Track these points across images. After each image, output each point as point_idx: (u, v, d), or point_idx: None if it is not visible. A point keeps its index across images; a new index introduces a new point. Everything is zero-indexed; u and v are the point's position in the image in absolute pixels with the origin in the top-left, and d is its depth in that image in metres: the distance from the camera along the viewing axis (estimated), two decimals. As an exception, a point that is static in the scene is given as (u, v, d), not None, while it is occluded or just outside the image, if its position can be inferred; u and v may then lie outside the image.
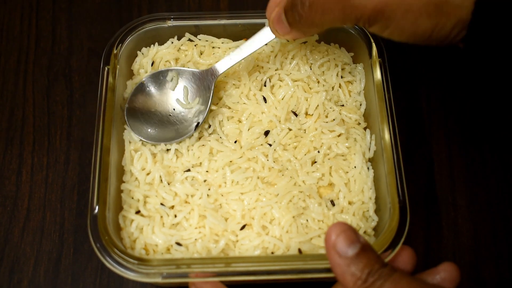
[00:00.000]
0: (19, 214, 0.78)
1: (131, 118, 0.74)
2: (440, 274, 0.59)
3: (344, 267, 0.55)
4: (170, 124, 0.75)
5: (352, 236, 0.56)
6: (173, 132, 0.74)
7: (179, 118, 0.75)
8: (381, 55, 0.75)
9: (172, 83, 0.76)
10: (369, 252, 0.56)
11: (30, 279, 0.74)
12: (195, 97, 0.76)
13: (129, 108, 0.74)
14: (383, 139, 0.70)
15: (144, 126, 0.74)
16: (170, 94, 0.76)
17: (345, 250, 0.56)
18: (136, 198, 0.70)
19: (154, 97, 0.76)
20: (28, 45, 0.90)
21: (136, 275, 0.62)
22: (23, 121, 0.84)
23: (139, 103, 0.75)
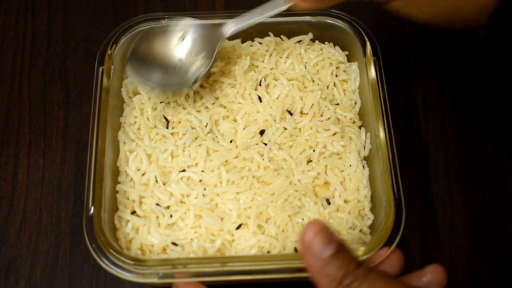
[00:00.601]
0: (15, 215, 0.78)
1: (134, 61, 0.74)
2: (426, 276, 0.59)
3: (319, 268, 0.54)
4: (173, 74, 0.75)
5: (328, 236, 0.55)
6: (171, 81, 0.74)
7: (182, 69, 0.75)
8: (375, 53, 0.75)
9: (181, 35, 0.76)
10: (345, 252, 0.55)
11: (27, 280, 0.74)
12: (200, 51, 0.75)
13: (134, 51, 0.75)
14: (378, 137, 0.70)
15: (147, 72, 0.74)
16: (177, 45, 0.76)
17: (320, 251, 0.54)
18: (132, 199, 0.70)
19: (160, 47, 0.76)
20: (23, 45, 0.90)
21: (132, 276, 0.62)
22: (19, 121, 0.84)
23: (145, 48, 0.75)
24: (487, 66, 0.88)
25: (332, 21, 0.78)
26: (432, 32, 0.91)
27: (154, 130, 0.74)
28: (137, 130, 0.74)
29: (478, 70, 0.88)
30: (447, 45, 0.90)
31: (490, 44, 0.89)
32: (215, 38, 0.74)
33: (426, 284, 0.58)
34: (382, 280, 0.54)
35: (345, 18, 0.77)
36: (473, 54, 0.89)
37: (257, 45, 0.80)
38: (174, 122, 0.75)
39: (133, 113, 0.75)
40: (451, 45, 0.90)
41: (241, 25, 0.74)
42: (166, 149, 0.72)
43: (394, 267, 0.62)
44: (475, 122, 0.84)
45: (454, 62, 0.89)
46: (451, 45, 0.90)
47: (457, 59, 0.89)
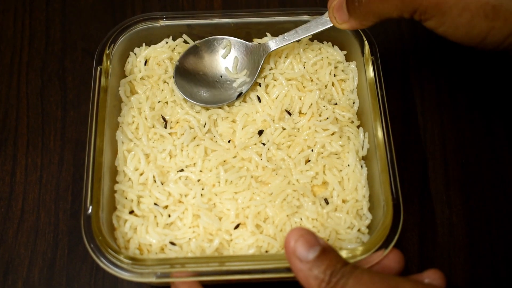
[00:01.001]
0: (13, 215, 0.78)
1: (178, 76, 0.76)
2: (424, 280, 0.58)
3: (306, 272, 0.55)
4: (215, 89, 0.77)
5: (311, 240, 0.56)
6: (215, 97, 0.76)
7: (225, 85, 0.77)
8: (373, 53, 0.75)
9: (225, 52, 0.78)
10: (330, 253, 0.56)
11: (25, 280, 0.74)
12: (243, 68, 0.77)
13: (179, 67, 0.77)
14: (376, 137, 0.70)
15: (190, 86, 0.76)
16: (220, 61, 0.78)
17: (305, 255, 0.55)
18: (130, 198, 0.69)
19: (204, 61, 0.78)
20: (21, 46, 0.90)
21: (130, 275, 0.62)
22: (17, 122, 0.84)
23: (189, 64, 0.78)
24: (485, 67, 0.88)
25: (330, 21, 0.78)
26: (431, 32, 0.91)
27: (152, 129, 0.74)
28: (135, 130, 0.74)
29: (476, 70, 0.88)
30: (445, 45, 0.90)
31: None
32: (258, 55, 0.77)
33: None
34: (367, 274, 0.55)
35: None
36: (471, 55, 0.89)
37: (256, 45, 0.80)
38: (172, 122, 0.75)
39: (131, 113, 0.75)
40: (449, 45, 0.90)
41: (286, 43, 0.76)
42: (164, 148, 0.72)
43: (393, 268, 0.62)
44: (473, 122, 0.84)
45: (453, 62, 0.89)
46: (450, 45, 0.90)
47: (456, 59, 0.89)
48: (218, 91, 0.77)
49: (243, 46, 0.78)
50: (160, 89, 0.77)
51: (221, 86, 0.77)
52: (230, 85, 0.77)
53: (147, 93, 0.76)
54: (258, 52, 0.77)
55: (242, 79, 0.77)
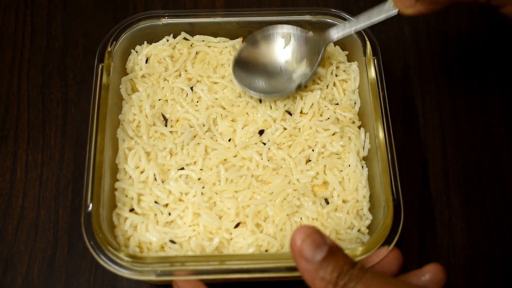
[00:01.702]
0: (13, 212, 0.78)
1: (237, 68, 0.76)
2: (425, 275, 0.58)
3: (313, 273, 0.53)
4: (275, 81, 0.76)
5: (318, 240, 0.54)
6: (274, 88, 0.76)
7: (285, 77, 0.77)
8: (375, 54, 0.75)
9: (284, 42, 0.77)
10: (337, 253, 0.54)
11: (24, 277, 0.74)
12: (303, 58, 0.76)
13: (238, 59, 0.76)
14: (377, 137, 0.70)
15: (249, 77, 0.76)
16: (280, 52, 0.77)
17: (312, 255, 0.54)
18: (130, 196, 0.69)
19: (264, 53, 0.77)
20: (23, 42, 0.90)
21: (130, 273, 0.62)
22: (17, 118, 0.84)
23: (249, 56, 0.77)
24: (486, 67, 0.88)
25: (332, 21, 0.78)
26: (432, 33, 0.92)
27: (153, 127, 0.74)
28: (136, 128, 0.74)
29: (477, 71, 0.88)
30: (446, 46, 0.90)
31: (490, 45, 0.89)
32: (319, 44, 0.75)
33: (425, 284, 0.57)
34: (377, 279, 0.53)
35: (345, 17, 0.77)
36: (472, 55, 0.89)
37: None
38: (173, 120, 0.75)
39: (132, 111, 0.75)
40: (450, 46, 0.90)
41: (347, 31, 0.74)
42: (165, 147, 0.72)
43: (392, 266, 0.62)
44: (474, 123, 0.84)
45: (454, 63, 0.89)
46: (451, 46, 0.90)
47: (456, 60, 0.89)
48: (278, 82, 0.76)
49: (303, 36, 0.76)
50: (160, 87, 0.77)
51: (282, 76, 0.76)
52: (290, 76, 0.76)
53: (147, 91, 0.76)
54: (318, 42, 0.75)
55: (301, 70, 0.76)
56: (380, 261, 0.62)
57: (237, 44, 0.80)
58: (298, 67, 0.76)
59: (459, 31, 0.92)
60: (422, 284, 0.57)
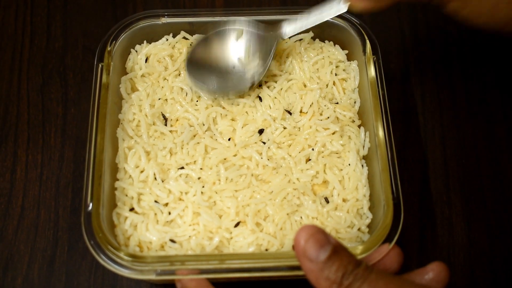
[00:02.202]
0: (13, 212, 0.78)
1: (190, 68, 0.75)
2: (428, 274, 0.58)
3: (317, 273, 0.53)
4: (228, 80, 0.76)
5: (322, 239, 0.54)
6: (227, 88, 0.76)
7: (237, 76, 0.76)
8: (375, 53, 0.75)
9: (236, 42, 0.77)
10: (341, 252, 0.54)
11: (24, 277, 0.74)
12: (255, 58, 0.76)
13: (191, 59, 0.76)
14: (377, 136, 0.70)
15: (202, 77, 0.75)
16: (232, 51, 0.77)
17: (316, 255, 0.53)
18: (130, 196, 0.69)
19: (217, 52, 0.77)
20: (22, 42, 0.90)
21: (130, 272, 0.62)
22: (17, 118, 0.84)
23: (201, 55, 0.76)
24: (486, 66, 0.88)
25: (332, 20, 0.77)
26: (432, 32, 0.92)
27: (152, 127, 0.74)
28: (136, 127, 0.74)
29: (477, 70, 0.88)
30: (446, 44, 0.90)
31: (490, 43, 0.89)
32: (271, 39, 0.75)
33: (429, 282, 0.57)
34: (383, 279, 0.53)
35: (346, 17, 0.77)
36: (472, 54, 0.89)
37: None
38: (172, 120, 0.75)
39: (131, 110, 0.75)
40: (450, 45, 0.90)
41: (299, 26, 0.75)
42: (164, 146, 0.72)
43: (393, 263, 0.62)
44: (474, 122, 0.84)
45: (454, 62, 0.89)
46: (451, 45, 0.90)
47: (456, 59, 0.89)
48: (230, 82, 0.76)
49: (255, 35, 0.76)
50: (160, 86, 0.77)
51: (234, 77, 0.76)
52: (243, 76, 0.76)
53: (147, 90, 0.76)
54: (269, 40, 0.75)
55: (254, 70, 0.76)
56: (381, 259, 0.62)
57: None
58: (251, 62, 0.76)
59: (460, 30, 0.92)
60: (426, 282, 0.57)
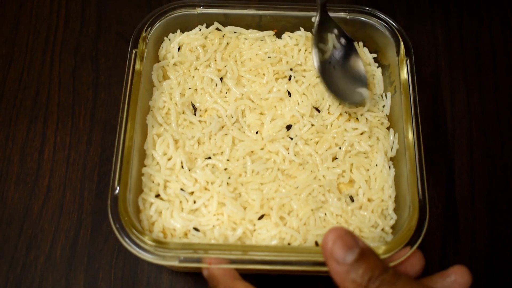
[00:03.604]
0: (39, 192, 0.79)
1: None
2: (450, 277, 0.58)
3: (343, 275, 0.53)
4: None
5: (350, 241, 0.54)
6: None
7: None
8: (408, 54, 0.74)
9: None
10: (369, 256, 0.54)
11: (47, 256, 0.75)
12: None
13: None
14: (406, 138, 0.69)
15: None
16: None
17: (343, 257, 0.53)
18: (157, 182, 0.70)
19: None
20: (57, 25, 0.91)
21: (153, 257, 0.62)
22: (48, 100, 0.85)
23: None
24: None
25: (366, 19, 0.78)
26: (464, 37, 0.91)
27: (182, 115, 0.74)
28: (166, 115, 0.74)
29: (508, 78, 0.87)
30: (478, 51, 0.90)
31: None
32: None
33: (450, 285, 0.57)
34: (410, 286, 0.53)
35: (380, 16, 0.77)
36: (504, 62, 0.88)
37: (286, 39, 0.80)
38: (202, 110, 0.75)
39: (162, 98, 0.75)
40: (482, 51, 0.90)
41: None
42: (193, 135, 0.73)
43: (414, 266, 0.62)
44: (502, 129, 0.84)
45: (484, 69, 0.88)
46: (483, 51, 0.90)
47: (488, 66, 0.88)
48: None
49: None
50: (191, 75, 0.78)
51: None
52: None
53: (178, 79, 0.77)
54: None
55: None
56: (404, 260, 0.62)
57: (267, 36, 0.80)
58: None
59: (492, 36, 0.91)
60: (447, 285, 0.57)
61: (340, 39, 0.77)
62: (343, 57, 0.76)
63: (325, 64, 0.75)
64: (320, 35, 0.76)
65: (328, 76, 0.75)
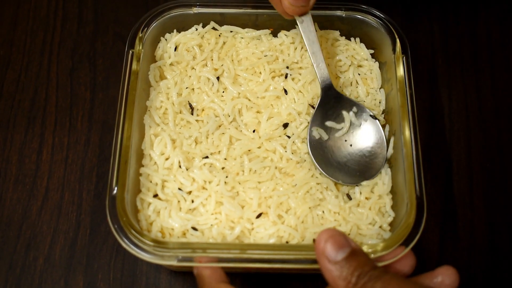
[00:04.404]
0: (37, 193, 0.79)
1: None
2: (437, 277, 0.58)
3: (334, 272, 0.55)
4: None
5: (341, 241, 0.57)
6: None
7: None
8: (404, 52, 0.74)
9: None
10: (359, 255, 0.56)
11: (46, 257, 0.75)
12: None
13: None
14: (403, 135, 0.69)
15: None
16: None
17: (334, 255, 0.56)
18: (154, 182, 0.70)
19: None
20: (54, 26, 0.91)
21: (151, 257, 0.62)
22: (46, 101, 0.85)
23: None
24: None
25: (362, 17, 0.78)
26: (461, 34, 0.91)
27: (179, 115, 0.74)
28: (163, 115, 0.74)
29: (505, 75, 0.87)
30: (476, 48, 0.90)
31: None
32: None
33: (438, 286, 0.57)
34: (396, 280, 0.54)
35: (376, 14, 0.77)
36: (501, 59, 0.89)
37: (282, 37, 0.80)
38: (199, 109, 0.76)
39: (159, 98, 0.75)
40: (480, 49, 0.90)
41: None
42: (190, 135, 0.73)
43: (405, 266, 0.62)
44: (500, 126, 0.84)
45: (482, 65, 0.88)
46: (480, 49, 0.90)
47: (485, 63, 0.88)
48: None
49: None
50: (188, 75, 0.78)
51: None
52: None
53: (175, 78, 0.77)
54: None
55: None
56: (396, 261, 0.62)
57: (263, 34, 0.80)
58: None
59: (489, 33, 0.91)
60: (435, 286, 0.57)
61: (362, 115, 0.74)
62: (358, 134, 0.74)
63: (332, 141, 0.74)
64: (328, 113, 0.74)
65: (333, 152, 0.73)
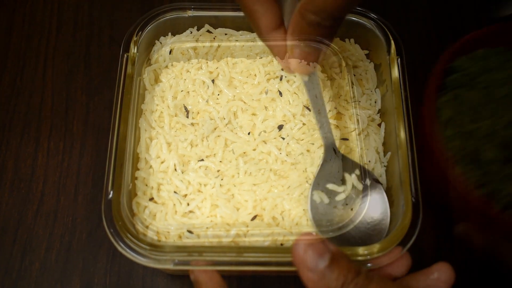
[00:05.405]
0: (33, 197, 0.79)
1: None
2: (433, 274, 0.58)
3: (316, 282, 0.53)
4: None
5: (321, 248, 0.54)
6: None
7: None
8: (399, 53, 0.75)
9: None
10: (341, 260, 0.54)
11: (42, 262, 0.75)
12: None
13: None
14: (398, 137, 0.69)
15: None
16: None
17: (315, 264, 0.54)
18: (150, 185, 0.70)
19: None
20: (49, 30, 0.91)
21: (148, 261, 0.62)
22: (41, 105, 0.85)
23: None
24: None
25: (357, 19, 0.78)
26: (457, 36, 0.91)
27: (174, 118, 0.74)
28: (158, 118, 0.74)
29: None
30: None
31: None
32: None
33: (434, 283, 0.57)
34: (383, 284, 0.54)
35: (371, 16, 0.77)
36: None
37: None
38: (194, 112, 0.76)
39: (154, 101, 0.75)
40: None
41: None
42: (186, 138, 0.73)
43: (400, 267, 0.62)
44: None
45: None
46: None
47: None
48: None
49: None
50: (183, 78, 0.78)
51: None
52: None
53: (170, 82, 0.77)
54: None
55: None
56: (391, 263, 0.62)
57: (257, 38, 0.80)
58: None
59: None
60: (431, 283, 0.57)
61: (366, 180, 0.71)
62: (360, 198, 0.71)
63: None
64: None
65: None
